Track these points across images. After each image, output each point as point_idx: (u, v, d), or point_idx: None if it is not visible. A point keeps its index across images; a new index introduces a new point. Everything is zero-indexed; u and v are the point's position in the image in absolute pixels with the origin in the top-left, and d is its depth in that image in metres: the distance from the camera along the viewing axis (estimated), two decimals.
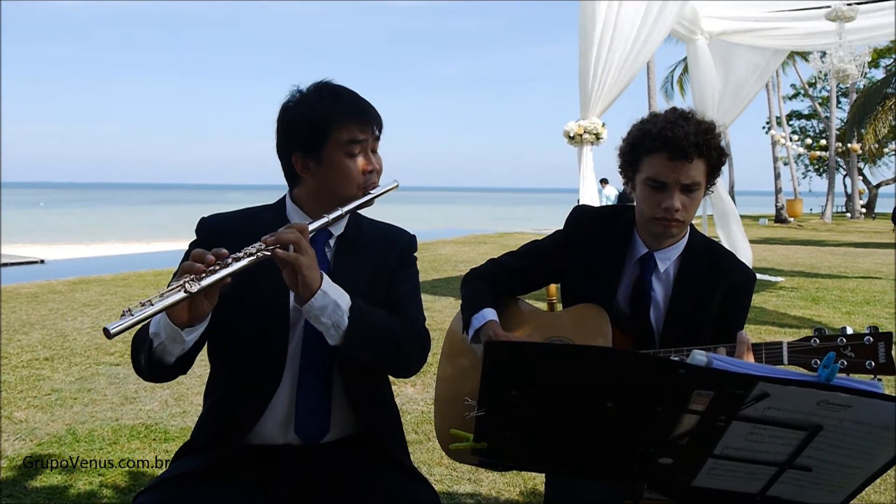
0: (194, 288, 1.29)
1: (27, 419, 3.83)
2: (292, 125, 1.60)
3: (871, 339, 1.56)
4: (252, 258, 1.37)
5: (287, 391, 1.59)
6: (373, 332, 1.53)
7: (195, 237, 1.66)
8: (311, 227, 1.48)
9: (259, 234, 1.57)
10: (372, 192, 1.61)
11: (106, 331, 1.21)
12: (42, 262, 12.55)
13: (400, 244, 1.75)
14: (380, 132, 1.62)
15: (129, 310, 1.23)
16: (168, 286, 1.31)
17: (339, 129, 1.55)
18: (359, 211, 1.64)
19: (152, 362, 1.45)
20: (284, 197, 1.70)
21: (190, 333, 1.41)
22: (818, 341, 1.60)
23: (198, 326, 1.42)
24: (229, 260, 1.35)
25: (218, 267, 1.34)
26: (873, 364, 1.56)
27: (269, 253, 1.38)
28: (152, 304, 1.25)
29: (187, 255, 1.62)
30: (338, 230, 1.67)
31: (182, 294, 1.28)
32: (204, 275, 1.32)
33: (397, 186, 1.67)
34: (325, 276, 1.48)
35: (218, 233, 1.63)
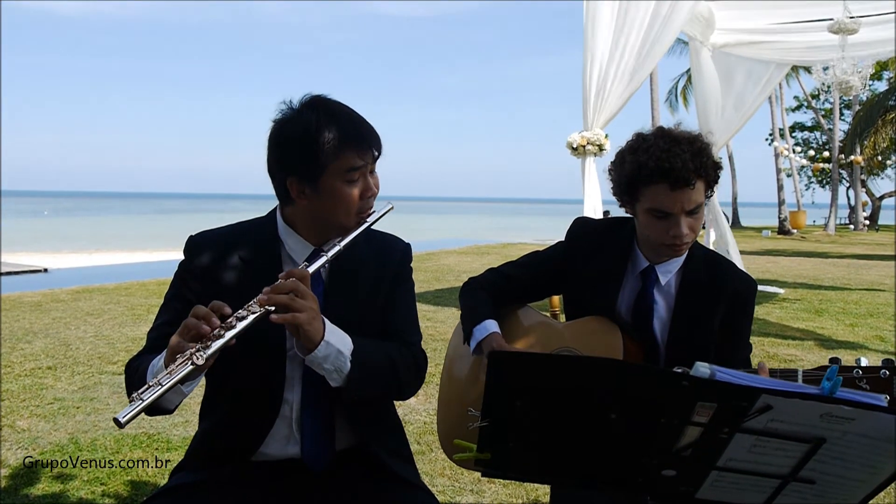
0: (201, 360, 1.26)
1: (30, 428, 3.83)
2: (288, 148, 1.51)
3: (887, 372, 1.54)
4: (256, 315, 1.34)
5: (288, 413, 1.57)
6: (374, 371, 1.52)
7: (183, 256, 1.62)
8: (311, 271, 1.43)
9: (250, 255, 1.57)
10: (368, 219, 1.56)
11: (116, 421, 1.17)
12: (45, 271, 12.57)
13: (396, 257, 1.71)
14: (379, 153, 1.55)
15: (139, 393, 1.20)
16: (174, 360, 1.26)
17: (339, 157, 1.48)
18: None
19: (152, 409, 1.38)
20: (275, 211, 1.64)
21: (189, 386, 1.38)
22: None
23: (197, 379, 1.37)
24: (232, 321, 1.32)
25: (222, 330, 1.30)
26: (888, 398, 1.55)
27: (271, 308, 1.35)
28: (161, 385, 1.22)
29: (177, 276, 1.61)
30: None
31: (190, 367, 1.25)
32: (210, 341, 1.28)
33: (392, 209, 1.62)
34: (327, 324, 1.44)
35: (207, 252, 1.59)
